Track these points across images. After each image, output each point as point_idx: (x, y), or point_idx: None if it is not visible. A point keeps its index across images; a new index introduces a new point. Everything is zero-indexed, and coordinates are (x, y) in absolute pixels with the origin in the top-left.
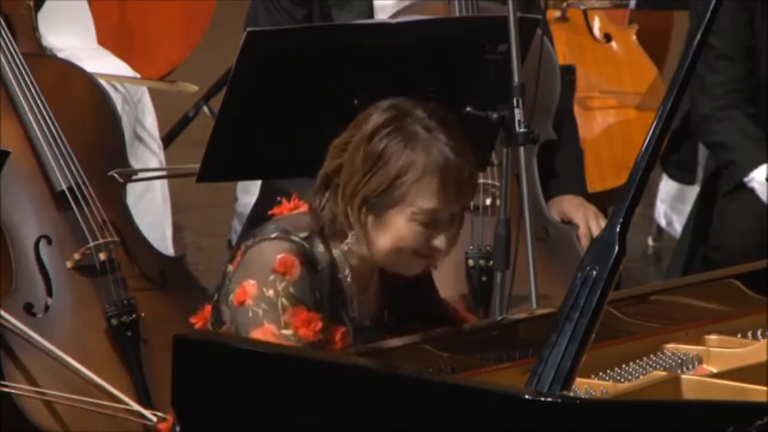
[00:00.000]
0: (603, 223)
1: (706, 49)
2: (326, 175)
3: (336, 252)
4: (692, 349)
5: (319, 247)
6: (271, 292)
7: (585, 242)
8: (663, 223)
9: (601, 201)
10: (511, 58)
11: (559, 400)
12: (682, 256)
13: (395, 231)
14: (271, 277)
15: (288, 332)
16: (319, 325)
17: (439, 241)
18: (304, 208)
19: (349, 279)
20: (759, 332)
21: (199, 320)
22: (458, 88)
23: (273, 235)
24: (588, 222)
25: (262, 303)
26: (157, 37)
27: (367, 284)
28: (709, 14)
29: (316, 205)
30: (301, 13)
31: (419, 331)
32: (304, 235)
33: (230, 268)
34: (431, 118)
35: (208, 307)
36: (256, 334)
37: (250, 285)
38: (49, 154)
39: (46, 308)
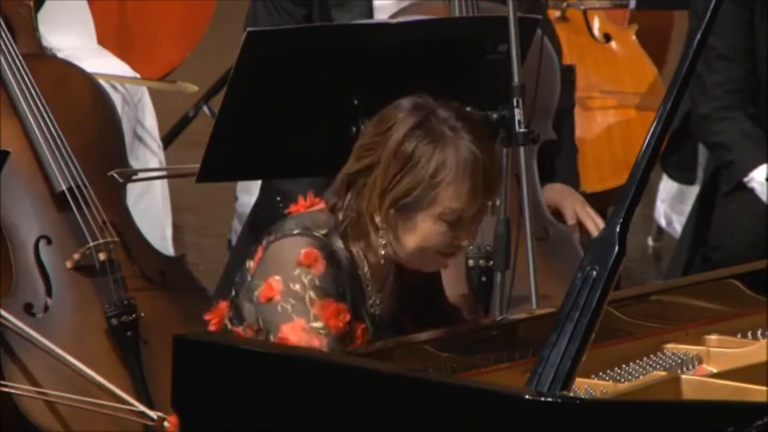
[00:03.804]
0: (590, 210)
1: (706, 49)
2: (350, 175)
3: (355, 249)
4: (692, 349)
5: (339, 244)
6: (297, 287)
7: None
8: (663, 223)
9: (601, 201)
10: (511, 58)
11: (559, 400)
12: (682, 256)
13: (421, 232)
14: (297, 271)
15: (318, 324)
16: (348, 316)
17: (464, 240)
18: (320, 205)
19: (368, 276)
20: (759, 332)
21: (215, 317)
22: (458, 88)
23: (295, 231)
24: (575, 210)
25: (289, 298)
26: (157, 37)
27: (384, 282)
28: (709, 14)
29: (339, 205)
30: (301, 13)
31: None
32: (323, 231)
33: (250, 264)
34: (456, 117)
35: (223, 304)
36: (286, 329)
37: (276, 281)
38: (49, 155)
39: (46, 308)
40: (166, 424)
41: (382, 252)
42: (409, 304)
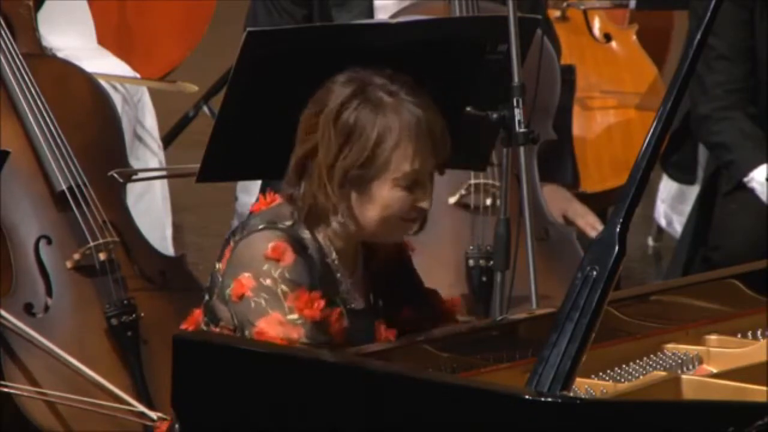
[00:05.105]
0: (585, 210)
1: (706, 50)
2: (299, 161)
3: (321, 237)
4: (692, 349)
5: (305, 234)
6: (268, 281)
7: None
8: (663, 223)
9: (601, 201)
10: (511, 58)
11: (559, 400)
12: (682, 256)
13: (380, 201)
14: (266, 266)
15: (294, 316)
16: (322, 303)
17: (424, 202)
18: (280, 200)
19: (337, 262)
20: (759, 332)
21: (190, 325)
22: (458, 88)
23: (260, 227)
24: (575, 218)
25: (262, 293)
26: (157, 37)
27: (354, 267)
28: (709, 14)
29: (295, 193)
30: (301, 13)
31: (405, 316)
32: (289, 223)
33: (219, 266)
34: (392, 82)
35: (198, 311)
36: (263, 323)
37: (246, 278)
38: (49, 154)
39: (46, 308)
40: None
41: (338, 231)
42: (380, 290)
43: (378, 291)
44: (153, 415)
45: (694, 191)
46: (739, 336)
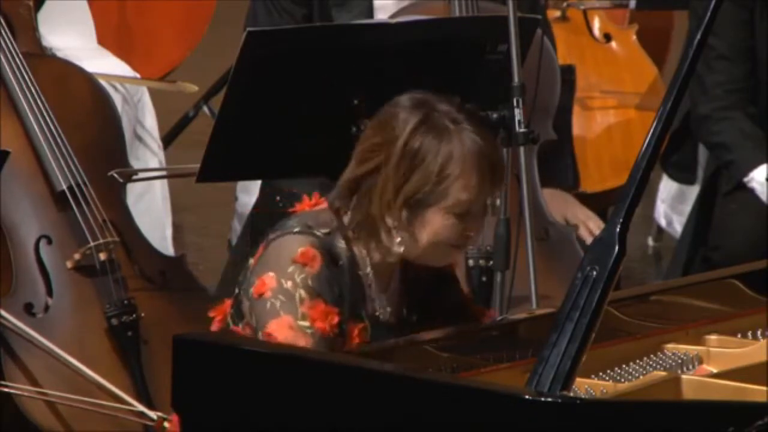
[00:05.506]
0: (586, 214)
1: (706, 50)
2: (355, 178)
3: (357, 250)
4: (692, 349)
5: (340, 243)
6: (289, 284)
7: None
8: (663, 223)
9: (601, 201)
10: (511, 58)
11: (559, 400)
12: (682, 256)
13: (433, 227)
14: (291, 269)
15: (305, 324)
16: (336, 319)
17: (474, 230)
18: (324, 204)
19: (371, 276)
20: (759, 332)
21: (219, 313)
22: (458, 88)
23: (296, 230)
24: (584, 221)
25: (280, 294)
26: (157, 37)
27: (389, 282)
28: (709, 14)
29: (343, 208)
30: (301, 13)
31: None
32: (326, 231)
33: (252, 262)
34: (457, 110)
35: (228, 302)
36: (273, 325)
37: (269, 277)
38: (49, 154)
39: (46, 308)
40: (166, 424)
41: (401, 250)
42: (417, 303)
43: (412, 302)
44: (153, 415)
45: (694, 191)
46: (739, 336)
